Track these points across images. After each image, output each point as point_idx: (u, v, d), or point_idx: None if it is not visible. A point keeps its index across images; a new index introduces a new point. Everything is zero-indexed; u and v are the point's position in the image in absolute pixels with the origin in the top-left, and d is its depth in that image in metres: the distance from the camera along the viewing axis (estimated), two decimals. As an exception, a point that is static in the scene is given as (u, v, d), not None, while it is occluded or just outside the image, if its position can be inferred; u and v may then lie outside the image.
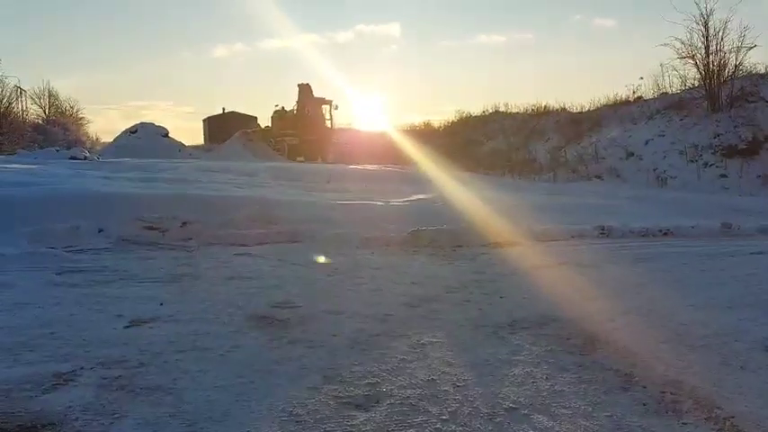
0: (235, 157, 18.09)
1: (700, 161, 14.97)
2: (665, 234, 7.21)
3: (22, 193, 6.47)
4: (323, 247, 5.77)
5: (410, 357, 2.81)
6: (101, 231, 6.39)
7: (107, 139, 30.47)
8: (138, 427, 2.03)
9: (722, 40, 16.47)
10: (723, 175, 14.34)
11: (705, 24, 16.58)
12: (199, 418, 2.11)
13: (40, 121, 29.82)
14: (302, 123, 25.08)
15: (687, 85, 17.76)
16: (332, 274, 4.74)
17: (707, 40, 16.59)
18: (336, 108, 26.66)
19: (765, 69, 17.02)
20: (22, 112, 28.46)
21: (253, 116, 34.57)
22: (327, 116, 26.60)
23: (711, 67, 16.57)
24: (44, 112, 32.65)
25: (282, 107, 26.58)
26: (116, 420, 2.08)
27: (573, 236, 6.82)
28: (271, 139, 25.80)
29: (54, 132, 27.56)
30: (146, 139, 21.71)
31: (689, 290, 4.45)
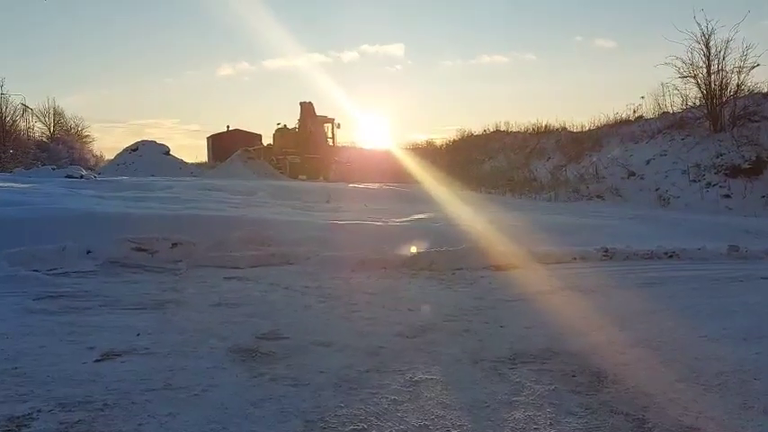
0: (235, 175, 17.99)
1: (702, 181, 14.79)
2: (670, 256, 6.98)
3: (8, 213, 6.29)
4: (318, 270, 5.56)
5: (401, 398, 2.58)
6: (89, 253, 6.18)
7: (111, 156, 30.55)
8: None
9: (724, 59, 16.41)
10: (727, 195, 14.14)
11: (706, 43, 16.53)
12: (161, 473, 1.89)
13: (45, 139, 29.91)
14: (304, 142, 25.04)
15: (688, 104, 17.69)
16: (325, 299, 4.51)
17: (708, 60, 16.53)
18: (339, 126, 26.74)
19: (768, 89, 16.93)
20: (27, 130, 28.59)
21: (257, 134, 34.63)
22: (330, 134, 26.60)
23: (713, 86, 16.48)
24: (49, 129, 32.80)
25: (285, 125, 26.64)
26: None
27: (575, 258, 6.60)
28: (273, 157, 25.75)
29: (58, 150, 27.61)
30: (147, 157, 21.67)
31: (700, 319, 4.22)
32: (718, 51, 16.40)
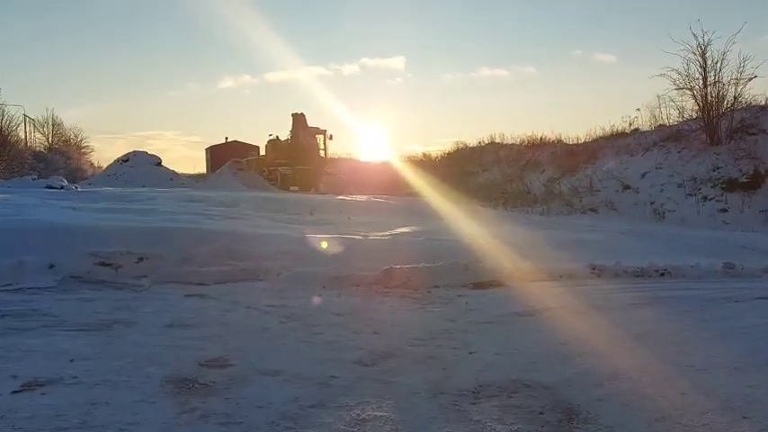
0: (225, 186, 17.75)
1: (699, 195, 14.54)
2: (661, 274, 6.68)
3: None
4: (286, 287, 5.27)
5: (341, 441, 2.29)
6: (52, 267, 5.90)
7: (110, 167, 30.27)
8: None
9: (720, 70, 16.20)
10: (723, 210, 13.87)
11: (703, 55, 16.34)
12: None
13: (42, 150, 29.73)
14: (296, 153, 24.76)
15: (685, 116, 17.48)
16: (287, 320, 4.22)
17: (704, 71, 16.32)
18: (331, 138, 26.51)
19: (766, 101, 16.70)
20: (25, 140, 28.40)
21: (255, 146, 34.44)
22: (322, 146, 26.37)
23: (710, 98, 16.27)
24: (47, 140, 32.63)
25: (277, 136, 26.41)
26: None
27: (562, 275, 6.30)
28: (265, 168, 25.50)
29: (55, 161, 27.39)
30: (138, 168, 21.46)
31: (689, 345, 3.92)
32: (715, 63, 16.21)
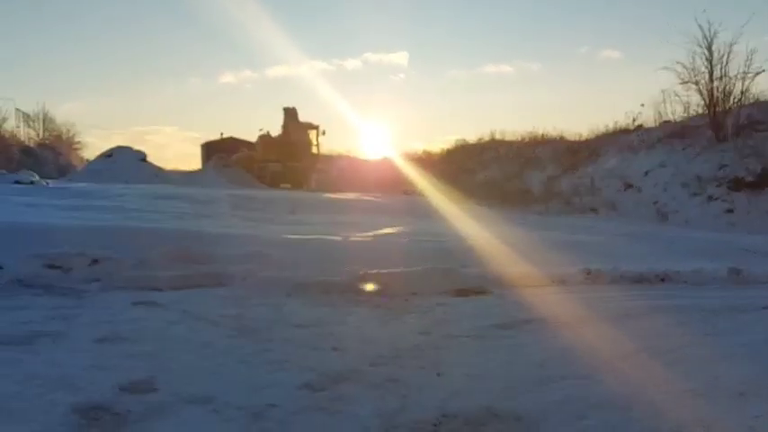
0: (210, 183, 17.27)
1: (704, 194, 13.99)
2: (662, 280, 6.21)
3: None
4: (248, 294, 4.83)
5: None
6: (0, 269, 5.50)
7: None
8: None
9: (727, 64, 15.56)
10: (729, 210, 13.32)
11: (709, 47, 15.70)
12: None
13: (32, 144, 29.34)
14: (287, 149, 23.98)
15: (690, 112, 16.88)
16: (237, 334, 3.77)
17: (711, 65, 15.70)
18: (324, 133, 25.74)
19: (774, 96, 16.05)
20: (13, 134, 28.03)
21: (251, 142, 34.04)
22: (315, 142, 25.65)
23: (716, 93, 15.66)
24: (37, 135, 32.22)
25: (267, 132, 25.70)
26: None
27: (554, 281, 5.84)
28: (255, 164, 24.75)
29: (44, 156, 27.02)
30: (121, 164, 21.02)
31: (688, 364, 3.46)
32: (721, 56, 15.58)
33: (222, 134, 36.15)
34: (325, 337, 3.78)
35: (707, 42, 15.62)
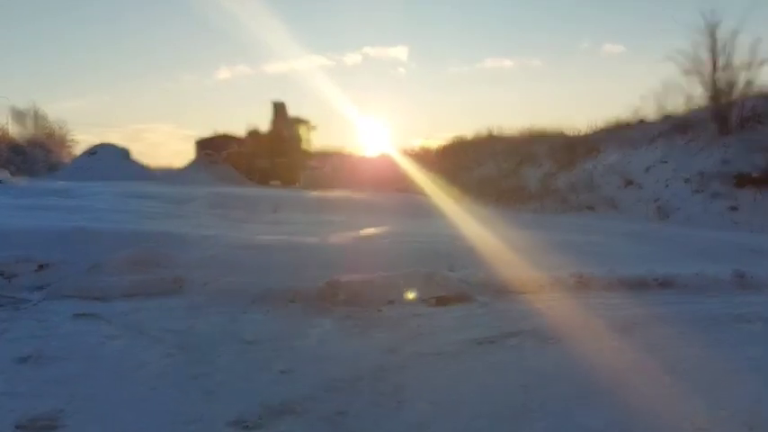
0: (194, 181, 16.78)
1: (707, 191, 13.47)
2: (661, 284, 5.76)
3: None
4: (206, 303, 4.40)
5: None
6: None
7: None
8: None
9: (731, 53, 14.94)
10: (733, 208, 12.80)
11: (712, 35, 15.07)
12: None
13: (22, 142, 28.87)
14: (276, 145, 23.28)
15: (692, 105, 16.29)
16: (177, 352, 3.34)
17: (714, 54, 15.07)
18: (314, 129, 25.13)
19: (780, 87, 15.42)
20: (3, 132, 27.55)
21: (245, 139, 33.56)
22: (305, 137, 25.02)
23: (719, 84, 15.06)
24: (29, 132, 31.69)
25: (256, 127, 25.07)
26: None
27: (543, 286, 5.39)
28: (244, 161, 24.04)
29: (34, 153, 26.54)
30: (105, 161, 20.54)
31: (687, 385, 3.04)
32: (725, 45, 14.96)
33: (216, 131, 35.71)
34: (278, 355, 3.35)
35: (710, 31, 15.01)
